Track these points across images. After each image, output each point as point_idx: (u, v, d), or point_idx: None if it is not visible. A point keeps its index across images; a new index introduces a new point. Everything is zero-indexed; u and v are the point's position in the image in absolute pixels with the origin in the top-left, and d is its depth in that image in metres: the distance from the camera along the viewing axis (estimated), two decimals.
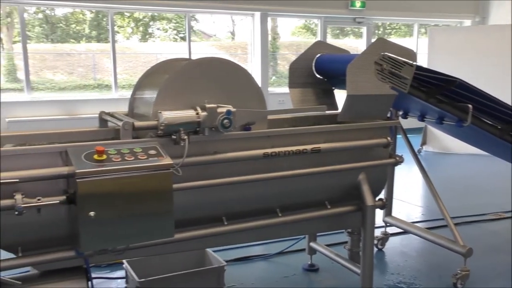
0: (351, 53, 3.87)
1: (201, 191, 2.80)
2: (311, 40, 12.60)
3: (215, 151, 2.79)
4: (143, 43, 12.28)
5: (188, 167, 2.62)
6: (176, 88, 2.77)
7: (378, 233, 4.54)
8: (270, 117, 3.17)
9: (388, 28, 14.50)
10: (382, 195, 3.80)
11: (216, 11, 10.46)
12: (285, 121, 3.52)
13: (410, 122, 4.22)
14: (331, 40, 12.13)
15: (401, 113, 4.16)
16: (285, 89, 4.01)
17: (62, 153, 2.45)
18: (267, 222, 3.06)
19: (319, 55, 3.80)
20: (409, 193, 6.58)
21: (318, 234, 4.19)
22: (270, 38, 11.27)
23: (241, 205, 3.00)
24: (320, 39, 10.63)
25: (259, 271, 4.19)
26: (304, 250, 4.26)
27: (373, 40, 4.79)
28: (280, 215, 3.10)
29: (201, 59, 2.93)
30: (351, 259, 3.76)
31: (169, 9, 10.15)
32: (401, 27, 14.62)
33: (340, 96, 3.68)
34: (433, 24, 12.81)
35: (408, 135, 4.33)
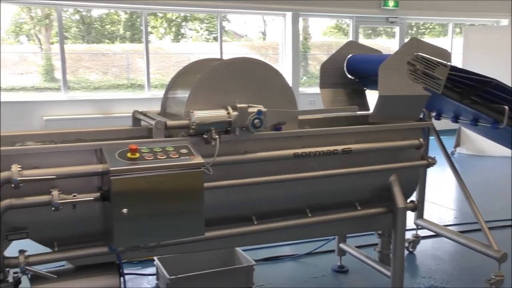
0: (384, 53, 3.83)
1: (232, 190, 2.82)
2: (343, 40, 12.52)
3: (246, 150, 2.81)
4: (175, 43, 12.44)
5: (218, 166, 2.65)
6: (207, 88, 2.80)
7: (409, 235, 4.49)
8: (300, 117, 3.17)
9: (421, 27, 14.28)
10: (413, 197, 3.75)
11: (247, 11, 10.50)
12: (316, 122, 3.51)
13: (443, 123, 4.15)
14: (363, 40, 12.02)
15: (434, 114, 4.09)
16: (315, 90, 4.01)
17: (97, 151, 2.52)
18: (296, 222, 3.06)
19: (351, 55, 3.78)
20: (441, 196, 6.46)
21: (348, 235, 4.16)
22: (301, 38, 11.24)
23: (271, 205, 3.00)
24: (352, 39, 10.55)
25: (288, 271, 4.19)
26: (333, 251, 4.24)
27: (406, 40, 4.73)
28: (309, 215, 3.10)
29: (232, 59, 2.95)
30: (381, 262, 3.72)
31: (201, 10, 10.25)
32: (435, 26, 14.37)
33: (371, 96, 3.65)
34: (469, 23, 12.54)
35: (441, 137, 4.25)
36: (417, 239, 4.60)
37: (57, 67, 9.57)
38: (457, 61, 9.37)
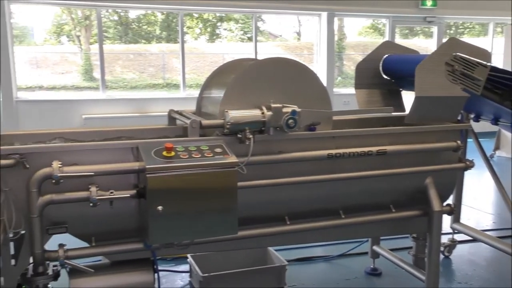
0: (421, 53, 3.77)
1: (265, 190, 2.83)
2: (378, 40, 12.36)
3: (280, 150, 2.82)
4: (210, 43, 12.55)
5: (252, 165, 2.66)
6: (242, 87, 2.82)
7: (445, 239, 4.39)
8: (335, 118, 3.15)
9: (460, 27, 13.96)
10: (450, 201, 3.68)
11: (283, 11, 10.49)
12: (351, 122, 3.48)
13: (482, 125, 4.05)
14: (399, 40, 11.84)
15: (472, 116, 4.00)
16: (350, 90, 3.98)
17: (133, 149, 2.57)
18: (330, 223, 3.05)
19: (387, 55, 3.73)
20: (479, 200, 6.30)
21: (381, 237, 4.11)
22: (336, 38, 11.16)
23: (304, 205, 3.00)
24: (388, 39, 10.41)
25: (320, 272, 4.17)
26: (366, 253, 4.20)
27: (445, 40, 4.63)
28: (343, 216, 3.08)
29: (267, 59, 2.96)
30: (416, 265, 3.66)
31: (237, 10, 10.30)
32: (475, 26, 14.02)
33: (407, 97, 3.60)
34: (511, 22, 12.16)
35: (480, 139, 4.15)
36: (453, 244, 4.50)
37: (96, 66, 9.80)
38: (498, 62, 9.10)
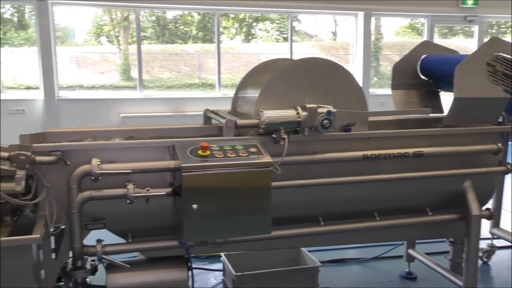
0: (460, 53, 3.70)
1: (299, 190, 2.83)
2: (416, 40, 12.13)
3: (314, 151, 2.81)
4: (246, 43, 12.59)
5: (286, 166, 2.66)
6: (277, 87, 2.83)
7: (483, 245, 4.28)
8: (371, 119, 3.12)
9: (503, 26, 13.53)
10: (489, 205, 3.58)
11: (319, 11, 10.43)
12: (387, 123, 3.44)
13: None
14: (438, 40, 11.59)
15: None
16: (386, 91, 3.93)
17: (169, 147, 2.61)
18: (364, 225, 3.02)
19: (425, 55, 3.67)
20: None
21: (417, 241, 4.04)
22: (372, 38, 11.01)
23: (338, 206, 2.98)
24: (426, 39, 10.21)
25: (354, 274, 4.13)
26: (401, 256, 4.13)
27: (486, 39, 4.52)
28: (378, 218, 3.04)
29: (302, 59, 2.95)
30: (453, 270, 3.58)
31: (273, 10, 10.31)
32: None
33: (446, 99, 3.53)
34: None
35: None
36: (493, 249, 4.38)
37: (134, 66, 9.98)
38: None
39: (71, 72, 10.51)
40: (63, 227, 2.51)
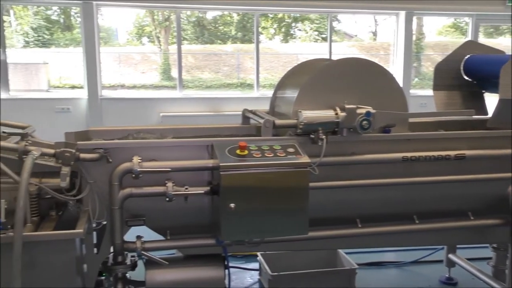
0: (506, 53, 3.58)
1: (337, 191, 2.81)
2: (460, 39, 11.83)
3: (353, 152, 2.78)
4: (284, 43, 12.59)
5: (324, 166, 2.65)
6: (316, 88, 2.82)
7: None
8: (411, 120, 3.07)
9: None
10: None
11: (359, 11, 10.31)
12: (428, 125, 3.37)
13: None
14: (483, 39, 11.25)
15: None
16: (428, 92, 3.85)
17: (208, 146, 2.65)
18: (403, 228, 2.97)
19: (469, 55, 3.58)
20: None
21: (458, 246, 3.94)
22: (414, 38, 10.80)
23: (376, 208, 2.94)
24: (471, 39, 9.93)
25: (392, 278, 4.07)
26: (441, 261, 4.04)
27: None
28: (417, 222, 2.98)
29: (341, 60, 2.93)
30: (495, 277, 3.48)
31: (312, 10, 10.25)
32: None
33: (490, 100, 3.43)
34: None
35: None
36: None
37: (174, 66, 10.14)
38: None
39: (114, 71, 10.77)
40: (105, 223, 2.58)
